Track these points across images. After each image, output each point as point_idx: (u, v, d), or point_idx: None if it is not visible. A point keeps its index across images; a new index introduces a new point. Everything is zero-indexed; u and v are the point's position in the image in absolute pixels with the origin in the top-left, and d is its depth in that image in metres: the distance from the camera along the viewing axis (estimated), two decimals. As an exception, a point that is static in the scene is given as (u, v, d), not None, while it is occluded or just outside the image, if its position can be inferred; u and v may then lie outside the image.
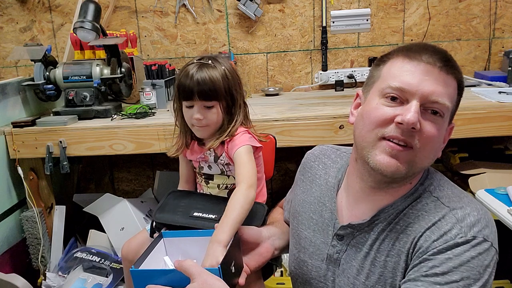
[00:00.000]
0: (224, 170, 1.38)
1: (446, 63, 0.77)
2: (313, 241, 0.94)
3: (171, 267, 0.99)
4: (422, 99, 0.75)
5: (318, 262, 0.92)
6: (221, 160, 1.36)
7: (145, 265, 0.94)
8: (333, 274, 0.89)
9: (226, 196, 1.38)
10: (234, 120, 1.33)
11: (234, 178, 1.35)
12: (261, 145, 1.35)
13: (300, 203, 1.02)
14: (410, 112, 0.73)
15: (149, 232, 1.30)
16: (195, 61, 1.29)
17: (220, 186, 1.39)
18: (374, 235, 0.83)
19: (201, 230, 1.08)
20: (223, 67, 1.28)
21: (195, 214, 1.27)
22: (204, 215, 1.26)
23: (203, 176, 1.42)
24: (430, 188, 0.82)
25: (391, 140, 0.76)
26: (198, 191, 1.45)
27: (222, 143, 1.32)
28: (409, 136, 0.75)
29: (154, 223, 1.26)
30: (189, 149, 1.38)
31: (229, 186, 1.40)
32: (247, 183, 1.17)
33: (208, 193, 1.40)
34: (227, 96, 1.29)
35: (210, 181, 1.41)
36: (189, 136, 1.37)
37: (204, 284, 0.81)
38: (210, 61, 1.28)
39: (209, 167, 1.39)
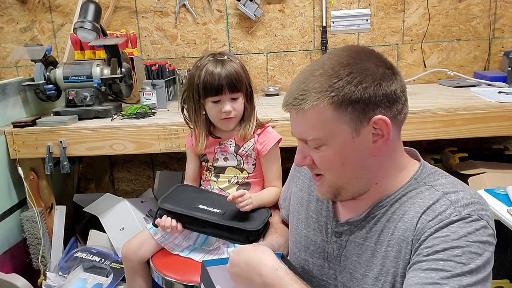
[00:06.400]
0: (241, 161, 1.39)
1: (293, 102, 0.79)
2: (313, 240, 0.95)
3: None
4: (300, 139, 0.84)
5: (319, 261, 0.93)
6: (242, 150, 1.38)
7: None
8: (335, 272, 0.90)
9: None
10: (255, 109, 1.42)
11: (248, 172, 1.39)
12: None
13: (299, 201, 1.03)
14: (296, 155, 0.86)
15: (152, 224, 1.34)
16: (210, 58, 1.32)
17: (231, 181, 1.40)
18: (371, 228, 0.84)
19: None
20: (237, 60, 1.35)
21: (200, 206, 1.30)
22: (209, 208, 1.30)
23: (213, 171, 1.43)
24: (425, 180, 0.83)
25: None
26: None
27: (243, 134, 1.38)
28: (311, 169, 0.86)
29: (158, 210, 1.30)
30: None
31: (240, 181, 1.40)
32: (280, 180, 1.39)
33: (217, 188, 1.41)
34: (248, 86, 1.37)
35: (221, 175, 1.42)
36: (206, 131, 1.42)
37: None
38: (225, 56, 1.34)
39: (225, 159, 1.41)
